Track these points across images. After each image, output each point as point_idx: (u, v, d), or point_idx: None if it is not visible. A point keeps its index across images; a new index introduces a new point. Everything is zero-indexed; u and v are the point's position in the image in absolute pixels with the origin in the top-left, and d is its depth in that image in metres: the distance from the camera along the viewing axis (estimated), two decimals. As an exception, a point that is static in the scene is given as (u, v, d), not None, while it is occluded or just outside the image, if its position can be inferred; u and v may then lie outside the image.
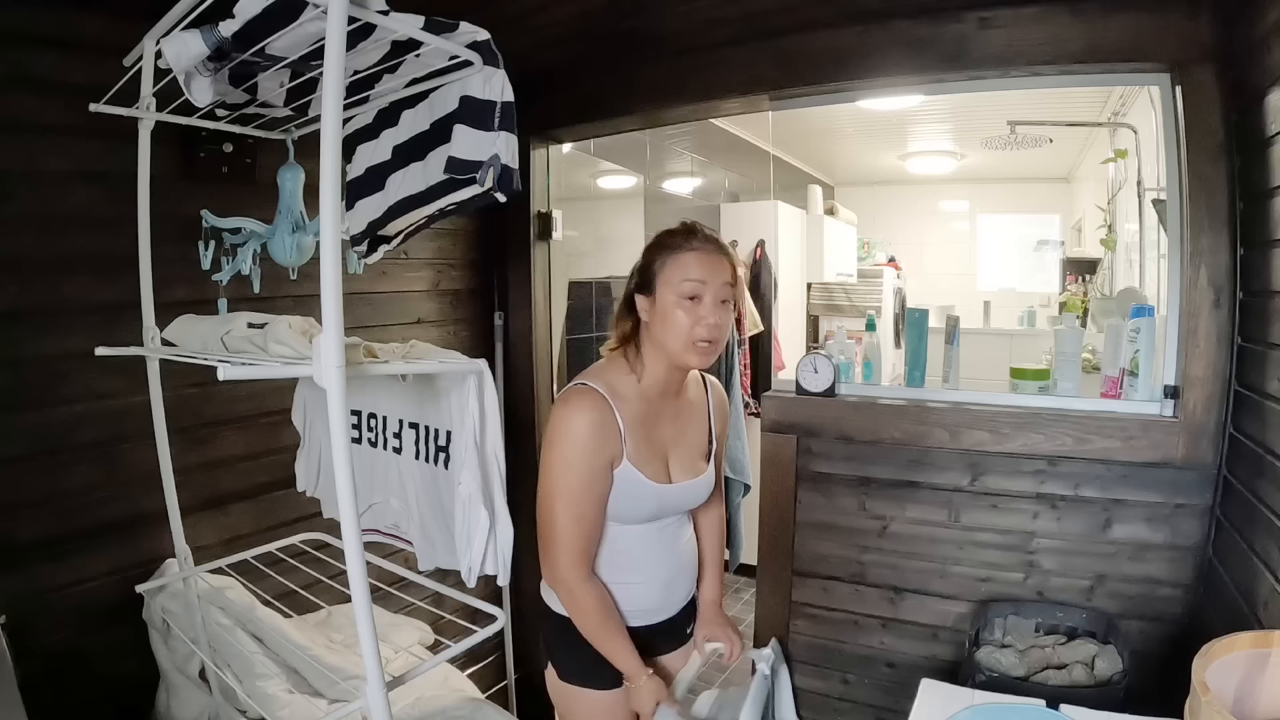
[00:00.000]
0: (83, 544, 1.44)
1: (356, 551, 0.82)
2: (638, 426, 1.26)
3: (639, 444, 1.26)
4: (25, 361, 1.36)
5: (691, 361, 1.24)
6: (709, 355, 1.23)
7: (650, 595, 1.35)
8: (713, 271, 1.22)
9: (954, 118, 3.60)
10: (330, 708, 1.15)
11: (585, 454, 1.19)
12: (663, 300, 1.23)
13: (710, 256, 1.23)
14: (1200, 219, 1.42)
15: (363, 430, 1.31)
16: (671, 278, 1.22)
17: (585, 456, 1.19)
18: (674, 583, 1.38)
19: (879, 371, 1.93)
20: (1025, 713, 0.98)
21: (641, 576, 1.33)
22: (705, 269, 1.22)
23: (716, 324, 1.22)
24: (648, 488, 1.26)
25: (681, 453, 1.34)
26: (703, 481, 1.36)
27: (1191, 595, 1.49)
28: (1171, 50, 1.43)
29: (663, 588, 1.36)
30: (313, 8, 0.80)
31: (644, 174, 3.25)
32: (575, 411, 1.21)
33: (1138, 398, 1.55)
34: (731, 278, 1.25)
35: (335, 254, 0.78)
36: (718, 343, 1.23)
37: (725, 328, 1.24)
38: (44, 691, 1.27)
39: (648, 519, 1.31)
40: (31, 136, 1.35)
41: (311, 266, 1.00)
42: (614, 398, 1.23)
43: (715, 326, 1.21)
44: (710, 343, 1.22)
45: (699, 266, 1.22)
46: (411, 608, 1.74)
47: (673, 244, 1.25)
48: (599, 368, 1.30)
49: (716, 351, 1.24)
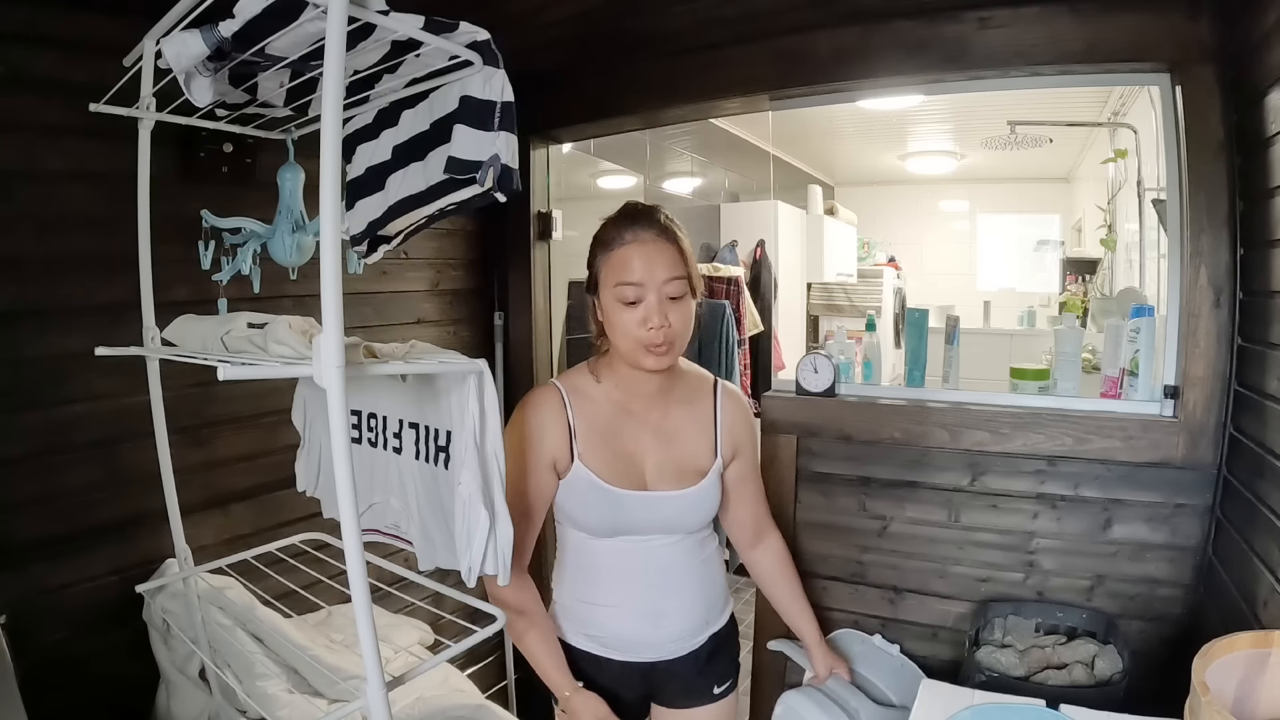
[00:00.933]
0: (83, 544, 1.44)
1: (356, 551, 0.82)
2: (598, 426, 1.19)
3: (596, 445, 1.18)
4: (25, 361, 1.36)
5: (647, 364, 1.13)
6: (666, 356, 1.12)
7: (626, 623, 1.22)
8: (651, 268, 1.09)
9: (954, 118, 3.60)
10: (330, 708, 1.15)
11: (519, 447, 1.15)
12: (605, 303, 1.14)
13: (647, 249, 1.10)
14: (1200, 219, 1.42)
15: (362, 430, 1.31)
16: (608, 279, 1.13)
17: (519, 450, 1.15)
18: (663, 615, 1.22)
19: (879, 371, 1.93)
20: (1025, 713, 0.98)
21: (613, 598, 1.22)
22: (642, 267, 1.09)
23: (661, 326, 1.09)
24: (602, 491, 1.17)
25: (667, 462, 1.21)
26: (689, 495, 1.21)
27: (1191, 595, 1.49)
28: (1171, 50, 1.43)
29: (646, 618, 1.22)
30: (313, 8, 0.80)
31: (644, 174, 3.26)
32: (523, 405, 1.20)
33: (1138, 398, 1.55)
34: (679, 269, 1.11)
35: (335, 254, 0.78)
36: (673, 343, 1.12)
37: (678, 325, 1.12)
38: (44, 691, 1.27)
39: (613, 529, 1.20)
40: (31, 136, 1.35)
41: (311, 266, 1.00)
42: (574, 395, 1.19)
43: (661, 330, 1.09)
44: (663, 344, 1.10)
45: (634, 265, 1.10)
46: (411, 608, 1.74)
47: (607, 239, 1.15)
48: (577, 367, 1.27)
49: (674, 351, 1.13)
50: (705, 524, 1.27)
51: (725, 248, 3.64)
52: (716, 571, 1.31)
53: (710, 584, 1.28)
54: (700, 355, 3.05)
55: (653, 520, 1.20)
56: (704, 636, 1.27)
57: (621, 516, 1.18)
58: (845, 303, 4.30)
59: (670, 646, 1.25)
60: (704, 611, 1.27)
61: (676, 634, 1.24)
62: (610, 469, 1.18)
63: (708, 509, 1.24)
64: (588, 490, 1.18)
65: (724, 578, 1.34)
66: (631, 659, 1.23)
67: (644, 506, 1.19)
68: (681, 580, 1.24)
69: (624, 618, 1.22)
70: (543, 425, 1.18)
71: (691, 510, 1.22)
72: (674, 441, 1.23)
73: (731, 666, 1.34)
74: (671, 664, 1.25)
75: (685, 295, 1.13)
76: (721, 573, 1.33)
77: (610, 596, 1.22)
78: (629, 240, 1.12)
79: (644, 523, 1.20)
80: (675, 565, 1.23)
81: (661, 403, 1.23)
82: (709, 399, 1.27)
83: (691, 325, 1.16)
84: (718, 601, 1.31)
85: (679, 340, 1.13)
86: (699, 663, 1.27)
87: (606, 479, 1.18)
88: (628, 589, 1.22)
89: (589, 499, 1.18)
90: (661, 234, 1.13)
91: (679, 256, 1.13)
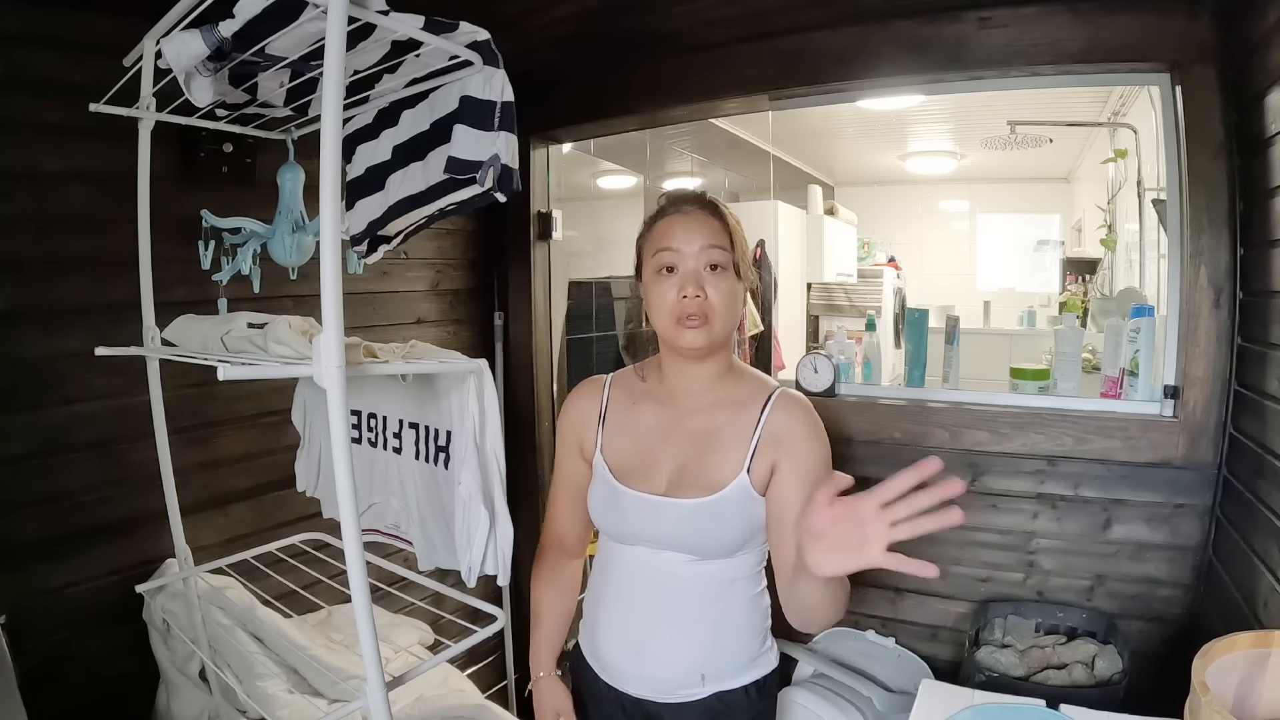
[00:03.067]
0: (83, 544, 1.44)
1: (356, 551, 0.82)
2: (629, 419, 1.13)
3: (622, 439, 1.12)
4: (25, 361, 1.36)
5: (682, 340, 1.04)
6: (702, 332, 1.03)
7: (611, 644, 1.12)
8: (687, 235, 1.03)
9: (954, 118, 3.60)
10: (330, 708, 1.15)
11: (559, 431, 1.22)
12: (646, 279, 1.08)
13: (688, 219, 1.05)
14: (1200, 219, 1.42)
15: (362, 430, 1.31)
16: (648, 253, 1.08)
17: (559, 433, 1.22)
18: (645, 647, 1.08)
19: (879, 371, 1.93)
20: (1025, 713, 0.98)
21: (601, 611, 1.13)
22: (681, 234, 1.04)
23: (696, 296, 1.02)
24: (608, 485, 1.10)
25: (691, 468, 1.07)
26: (696, 506, 1.05)
27: (1191, 595, 1.49)
28: (1171, 50, 1.43)
29: (628, 645, 1.10)
30: (313, 8, 0.80)
31: (644, 174, 3.26)
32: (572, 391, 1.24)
33: (1138, 398, 1.55)
34: (718, 238, 1.04)
35: (335, 254, 0.78)
36: (710, 317, 1.03)
37: (717, 300, 1.03)
38: (44, 691, 1.27)
39: (620, 532, 1.11)
40: (31, 136, 1.35)
41: (311, 266, 1.00)
42: (615, 386, 1.17)
43: (696, 300, 1.02)
44: (698, 317, 1.02)
45: (673, 232, 1.05)
46: (411, 608, 1.74)
47: (651, 218, 1.11)
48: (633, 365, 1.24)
49: (713, 328, 1.03)
50: (726, 550, 1.07)
51: (725, 248, 3.64)
52: (743, 619, 1.10)
53: (723, 629, 1.08)
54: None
55: (658, 530, 1.07)
56: (703, 691, 1.08)
57: (623, 517, 1.09)
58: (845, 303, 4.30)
59: (653, 685, 1.09)
60: (700, 658, 1.07)
61: (659, 673, 1.08)
62: (626, 464, 1.10)
63: (722, 529, 1.05)
64: (598, 482, 1.13)
65: (758, 634, 1.13)
66: (619, 686, 1.12)
67: (645, 510, 1.07)
68: (678, 610, 1.07)
69: (611, 639, 1.12)
70: (577, 410, 1.19)
71: (698, 524, 1.05)
72: (707, 447, 1.08)
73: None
74: (670, 710, 1.09)
75: (727, 268, 1.04)
76: (754, 626, 1.12)
77: (598, 606, 1.14)
78: (670, 212, 1.08)
79: (650, 531, 1.07)
80: (678, 591, 1.07)
81: (707, 403, 1.11)
82: (759, 405, 1.08)
83: (735, 307, 1.06)
84: (731, 656, 1.09)
85: (717, 317, 1.03)
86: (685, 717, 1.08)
87: (617, 474, 1.10)
88: (612, 601, 1.12)
89: (597, 492, 1.13)
90: (704, 207, 1.08)
91: (722, 229, 1.06)
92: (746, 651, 1.11)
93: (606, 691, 1.13)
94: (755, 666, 1.12)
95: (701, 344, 1.04)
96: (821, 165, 4.70)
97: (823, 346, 2.03)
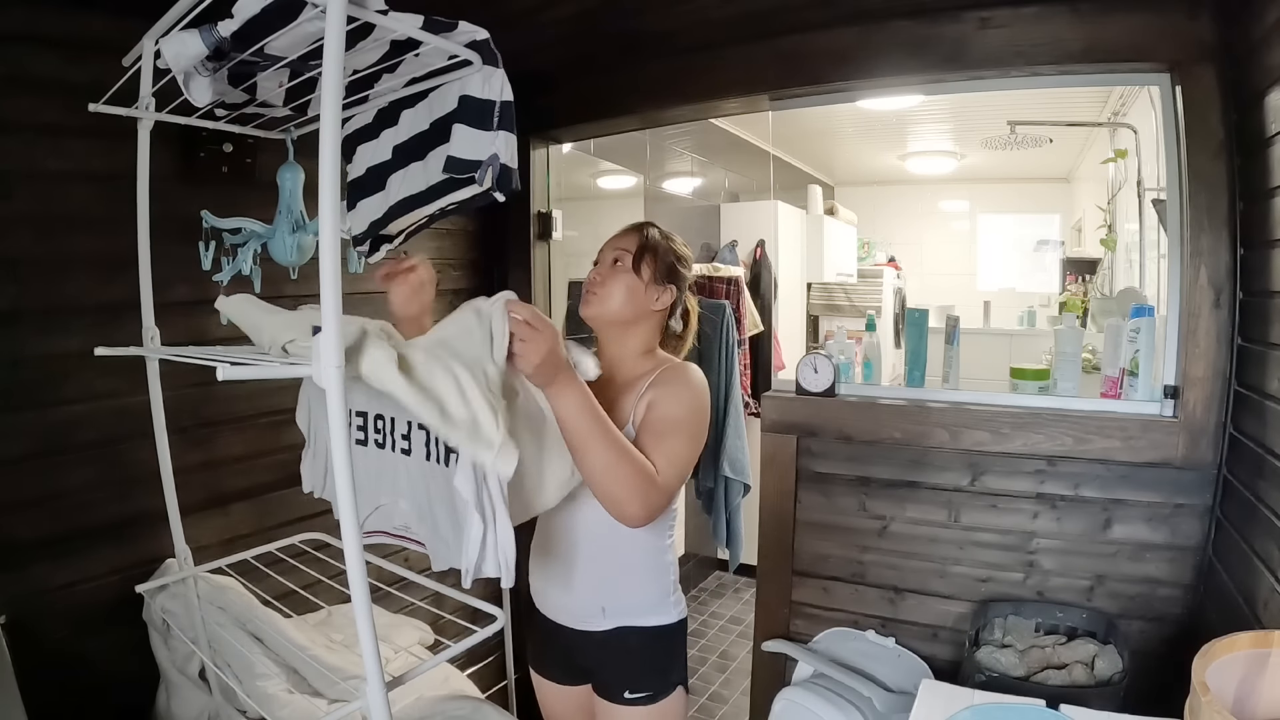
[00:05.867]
0: (83, 544, 1.44)
1: (356, 552, 0.82)
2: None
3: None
4: (25, 361, 1.36)
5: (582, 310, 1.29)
6: (589, 304, 1.27)
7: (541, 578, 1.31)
8: (611, 247, 1.30)
9: (954, 118, 3.60)
10: (330, 708, 1.15)
11: None
12: None
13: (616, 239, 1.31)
14: (1200, 219, 1.42)
15: (369, 431, 1.31)
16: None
17: None
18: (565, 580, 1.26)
19: (879, 371, 1.93)
20: (1025, 713, 0.98)
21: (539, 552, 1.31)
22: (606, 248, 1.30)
23: (594, 278, 1.28)
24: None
25: None
26: None
27: (1191, 595, 1.49)
28: (1171, 50, 1.43)
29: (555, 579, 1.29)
30: (311, 7, 0.80)
31: (644, 174, 3.25)
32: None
33: (1138, 398, 1.55)
34: (630, 245, 1.27)
35: (335, 254, 0.78)
36: (597, 294, 1.26)
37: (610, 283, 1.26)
38: (44, 691, 1.27)
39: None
40: (31, 136, 1.35)
41: (311, 266, 1.00)
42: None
43: (593, 280, 1.28)
44: (590, 291, 1.27)
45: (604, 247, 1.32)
46: (411, 608, 1.74)
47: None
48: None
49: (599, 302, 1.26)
50: None
51: (725, 248, 3.64)
52: (641, 567, 1.26)
53: (624, 571, 1.25)
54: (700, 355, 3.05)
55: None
56: (604, 623, 1.25)
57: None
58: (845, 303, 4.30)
59: (566, 613, 1.28)
60: (601, 593, 1.25)
61: (568, 602, 1.27)
62: None
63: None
64: None
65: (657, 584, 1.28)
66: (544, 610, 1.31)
67: None
68: (588, 550, 1.24)
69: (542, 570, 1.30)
70: None
71: None
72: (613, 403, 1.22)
73: (653, 677, 1.25)
74: (579, 636, 1.27)
75: (624, 263, 1.26)
76: (653, 575, 1.28)
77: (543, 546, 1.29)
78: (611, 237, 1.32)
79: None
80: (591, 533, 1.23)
81: (625, 375, 1.28)
82: (652, 372, 1.26)
83: (629, 296, 1.25)
84: (628, 596, 1.25)
85: (606, 296, 1.25)
86: (604, 652, 1.25)
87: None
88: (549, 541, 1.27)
89: None
90: (635, 230, 1.30)
91: (638, 241, 1.28)
92: (644, 595, 1.26)
93: (542, 622, 1.32)
94: (655, 613, 1.27)
95: (590, 313, 1.28)
96: (821, 165, 4.70)
97: (823, 346, 2.03)
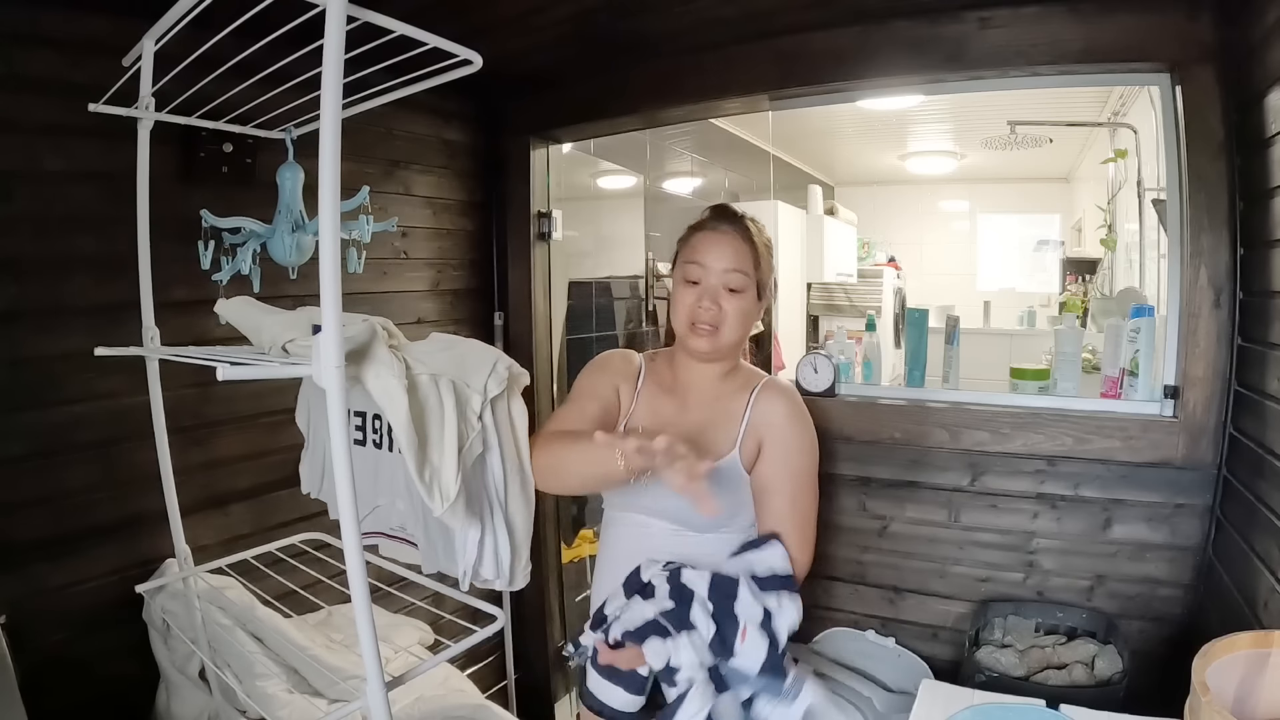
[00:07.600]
0: (83, 544, 1.44)
1: (356, 551, 0.82)
2: (655, 401, 1.26)
3: (641, 415, 1.25)
4: (25, 361, 1.36)
5: (690, 344, 1.20)
6: (708, 339, 1.18)
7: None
8: (715, 255, 1.17)
9: (954, 118, 3.60)
10: (330, 708, 1.15)
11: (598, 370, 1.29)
12: (675, 279, 1.24)
13: (719, 238, 1.18)
14: (1200, 219, 1.42)
15: (367, 432, 1.31)
16: (681, 258, 1.23)
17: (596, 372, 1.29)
18: None
19: (879, 371, 1.93)
20: (1025, 713, 0.98)
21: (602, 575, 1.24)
22: (709, 251, 1.18)
23: (710, 308, 1.16)
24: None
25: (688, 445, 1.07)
26: None
27: (1191, 595, 1.49)
28: (1171, 50, 1.43)
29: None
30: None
31: (644, 174, 3.26)
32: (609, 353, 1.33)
33: (1138, 398, 1.55)
34: (745, 264, 1.18)
35: (334, 253, 0.78)
36: (718, 328, 1.17)
37: (730, 314, 1.18)
38: (44, 691, 1.27)
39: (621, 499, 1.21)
40: (31, 136, 1.34)
41: (311, 266, 1.00)
42: (648, 370, 1.30)
43: (709, 310, 1.16)
44: (709, 326, 1.17)
45: (703, 247, 1.19)
46: (411, 608, 1.74)
47: (692, 226, 1.26)
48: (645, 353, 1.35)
49: (719, 337, 1.18)
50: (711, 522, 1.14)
51: (725, 248, 3.64)
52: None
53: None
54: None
55: (655, 497, 1.15)
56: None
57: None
58: (845, 303, 4.30)
59: None
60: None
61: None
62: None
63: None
64: None
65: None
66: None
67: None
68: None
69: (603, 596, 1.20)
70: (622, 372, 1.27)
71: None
72: (704, 431, 1.19)
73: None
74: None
75: (746, 290, 1.19)
76: None
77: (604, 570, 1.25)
78: (708, 228, 1.22)
79: (646, 497, 1.16)
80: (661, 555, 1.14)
81: (710, 397, 1.25)
82: (748, 393, 1.23)
83: (746, 323, 1.21)
84: None
85: (727, 329, 1.18)
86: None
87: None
88: (613, 567, 1.21)
89: None
90: (738, 228, 1.20)
91: (749, 253, 1.19)
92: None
93: None
94: None
95: (706, 349, 1.20)
96: (821, 165, 4.70)
97: (823, 346, 2.03)
